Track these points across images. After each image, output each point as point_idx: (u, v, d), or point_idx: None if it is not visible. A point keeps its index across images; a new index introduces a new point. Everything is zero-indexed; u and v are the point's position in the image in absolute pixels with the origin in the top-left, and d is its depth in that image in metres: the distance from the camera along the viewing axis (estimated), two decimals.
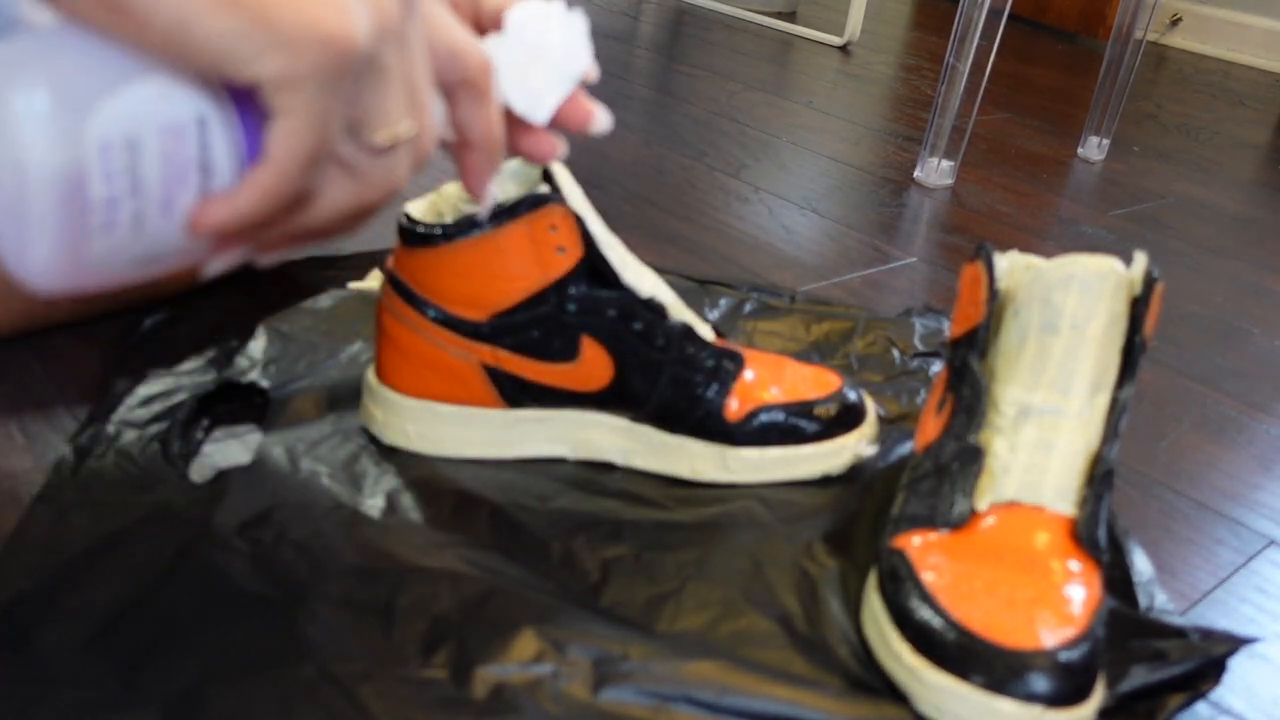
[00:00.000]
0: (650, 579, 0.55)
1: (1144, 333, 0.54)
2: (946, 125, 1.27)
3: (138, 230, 0.37)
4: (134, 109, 0.35)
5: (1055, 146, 1.56)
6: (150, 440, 0.59)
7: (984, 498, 0.53)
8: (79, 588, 0.48)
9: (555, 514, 0.59)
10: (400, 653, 0.48)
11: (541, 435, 0.62)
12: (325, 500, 0.57)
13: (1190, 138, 1.76)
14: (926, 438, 0.59)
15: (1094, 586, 0.50)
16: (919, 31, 2.44)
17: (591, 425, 0.62)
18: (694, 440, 0.62)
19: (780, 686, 0.48)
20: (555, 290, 0.58)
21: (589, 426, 0.62)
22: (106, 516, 0.53)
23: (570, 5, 0.50)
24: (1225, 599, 0.62)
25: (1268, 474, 0.75)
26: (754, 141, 1.38)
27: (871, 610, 0.52)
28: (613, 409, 0.61)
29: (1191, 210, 1.36)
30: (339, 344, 0.71)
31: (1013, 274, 0.57)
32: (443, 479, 0.60)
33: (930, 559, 0.51)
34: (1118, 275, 0.55)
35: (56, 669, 0.44)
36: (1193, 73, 2.42)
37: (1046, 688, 0.45)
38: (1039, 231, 1.19)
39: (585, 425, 0.62)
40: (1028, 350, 0.55)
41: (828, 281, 0.96)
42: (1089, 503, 0.52)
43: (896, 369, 0.79)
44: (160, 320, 0.71)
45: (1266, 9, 2.64)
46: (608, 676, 0.47)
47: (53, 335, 0.70)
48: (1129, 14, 1.45)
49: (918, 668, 0.48)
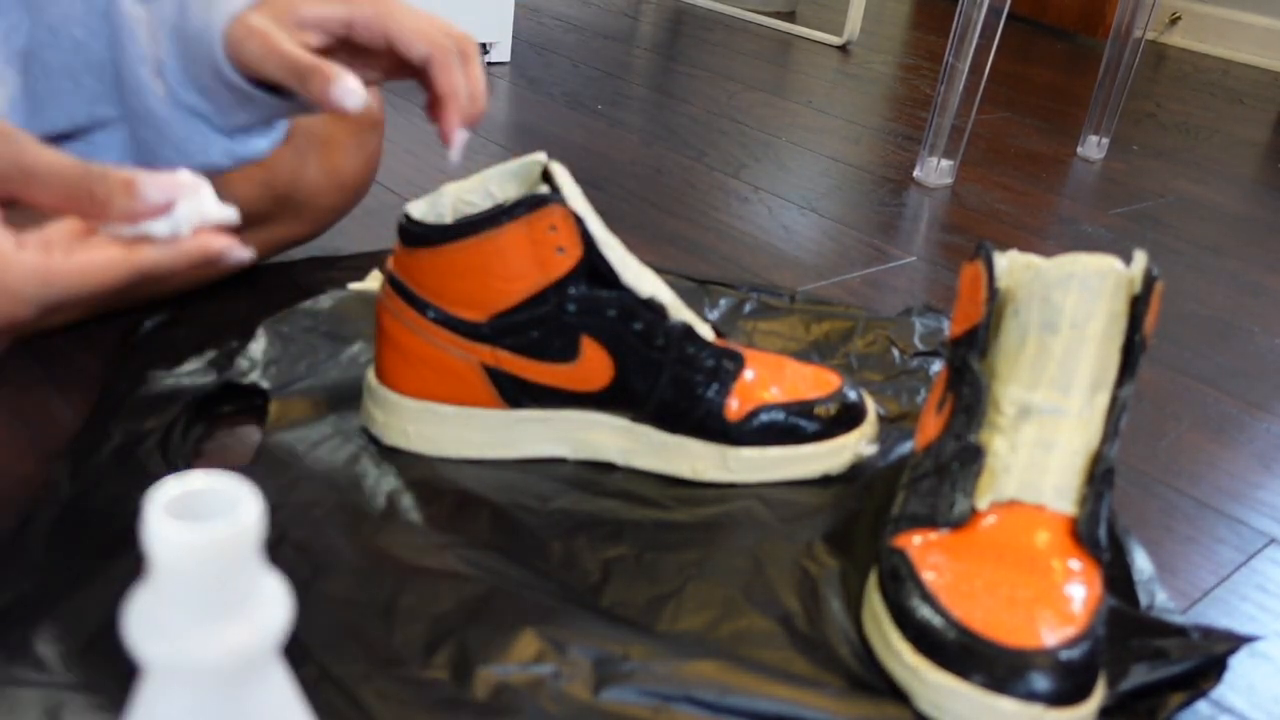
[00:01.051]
0: (651, 579, 0.55)
1: (1144, 331, 0.54)
2: (946, 124, 1.27)
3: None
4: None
5: (1055, 146, 1.56)
6: (150, 441, 0.59)
7: (984, 497, 0.53)
8: (79, 589, 0.48)
9: (556, 514, 0.59)
10: (401, 653, 0.48)
11: (542, 435, 0.62)
12: (326, 501, 0.57)
13: (1189, 136, 1.76)
14: (927, 437, 0.59)
15: (1094, 585, 0.50)
16: (918, 31, 2.44)
17: (591, 425, 0.62)
18: (694, 440, 0.62)
19: (781, 686, 0.48)
20: (555, 290, 0.58)
21: (589, 427, 0.62)
22: (107, 517, 0.53)
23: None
24: (1226, 597, 0.62)
25: (1268, 472, 0.75)
26: (754, 141, 1.38)
27: (872, 609, 0.52)
28: (613, 409, 0.61)
29: (1191, 209, 1.36)
30: (339, 345, 0.71)
31: (1013, 273, 0.57)
32: (443, 480, 0.60)
33: (931, 558, 0.51)
34: (1117, 274, 0.55)
35: (58, 671, 0.44)
36: (1192, 71, 2.42)
37: (1047, 687, 0.45)
38: (1038, 231, 1.19)
39: (585, 425, 0.62)
40: (1028, 349, 0.55)
41: (827, 281, 0.96)
42: (1089, 501, 0.52)
43: (896, 368, 0.79)
44: (160, 321, 0.71)
45: (1265, 8, 2.63)
46: (608, 677, 0.47)
47: (53, 336, 0.70)
48: (1128, 13, 1.45)
49: (918, 667, 0.48)
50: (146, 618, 0.25)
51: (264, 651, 0.26)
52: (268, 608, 0.26)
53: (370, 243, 0.90)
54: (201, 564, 0.24)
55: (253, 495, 0.25)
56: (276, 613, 0.26)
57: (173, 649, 0.25)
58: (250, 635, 0.25)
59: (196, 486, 0.26)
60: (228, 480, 0.26)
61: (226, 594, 0.25)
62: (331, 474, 0.59)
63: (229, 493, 0.26)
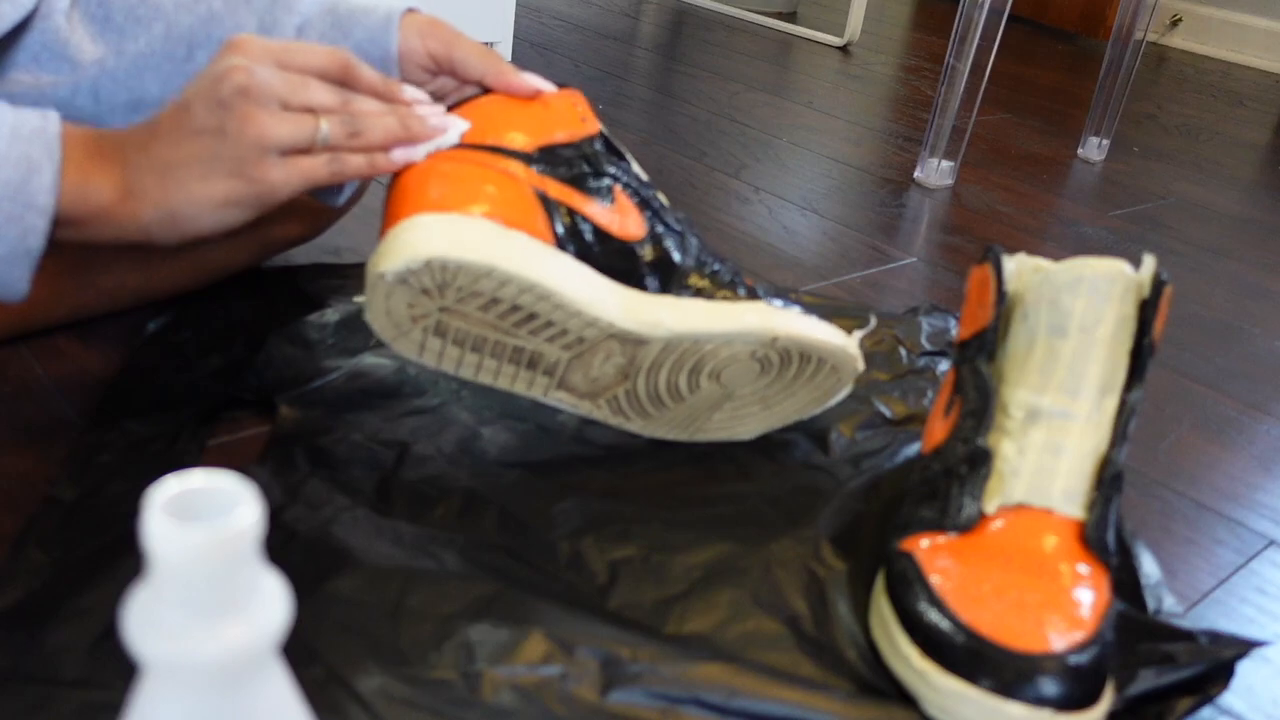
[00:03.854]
0: (658, 581, 0.55)
1: (1153, 335, 0.54)
2: (946, 125, 1.27)
3: None
4: None
5: (1055, 147, 1.56)
6: (159, 443, 0.59)
7: (992, 500, 0.53)
8: (86, 589, 0.48)
9: (563, 515, 0.58)
10: (408, 654, 0.47)
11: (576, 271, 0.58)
12: (334, 502, 0.56)
13: (1190, 138, 1.77)
14: (934, 440, 0.59)
15: (1103, 590, 0.50)
16: (919, 32, 2.44)
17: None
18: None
19: (788, 689, 0.48)
20: (588, 141, 0.62)
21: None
22: (113, 518, 0.53)
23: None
24: (1225, 599, 0.62)
25: (1268, 474, 0.75)
26: (754, 141, 1.38)
27: (880, 613, 0.52)
28: (651, 271, 0.60)
29: (1191, 210, 1.36)
30: (345, 357, 0.71)
31: (1021, 277, 0.57)
32: (451, 480, 0.60)
33: (939, 562, 0.51)
34: (1126, 278, 0.55)
35: (64, 669, 0.44)
36: (1193, 73, 2.43)
37: (1056, 691, 0.45)
38: (1039, 232, 1.19)
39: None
40: (1036, 353, 0.55)
41: (828, 281, 0.96)
42: (1098, 506, 0.52)
43: (904, 367, 0.79)
44: (164, 323, 0.71)
45: (1266, 9, 2.64)
46: (616, 678, 0.47)
47: (53, 335, 0.69)
48: (1129, 14, 1.45)
49: (926, 671, 0.48)
50: (146, 617, 0.25)
51: (263, 651, 0.26)
52: (267, 607, 0.26)
53: (372, 244, 0.89)
54: (201, 563, 0.24)
55: (252, 495, 0.25)
56: (276, 612, 0.26)
57: (172, 648, 0.25)
58: (249, 635, 0.25)
59: (196, 485, 0.26)
60: (228, 479, 0.26)
61: (226, 593, 0.25)
62: (339, 474, 0.59)
63: (229, 492, 0.26)
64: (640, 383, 0.62)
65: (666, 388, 0.62)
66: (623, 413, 0.64)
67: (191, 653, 0.25)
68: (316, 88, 0.53)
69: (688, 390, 0.62)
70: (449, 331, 0.57)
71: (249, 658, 0.25)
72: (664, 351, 0.60)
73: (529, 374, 0.60)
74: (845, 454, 0.67)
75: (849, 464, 0.66)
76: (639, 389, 0.62)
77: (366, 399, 0.66)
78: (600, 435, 0.66)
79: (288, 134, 0.52)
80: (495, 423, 0.66)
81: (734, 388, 0.63)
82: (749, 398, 0.64)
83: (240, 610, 0.25)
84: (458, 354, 0.59)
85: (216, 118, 0.51)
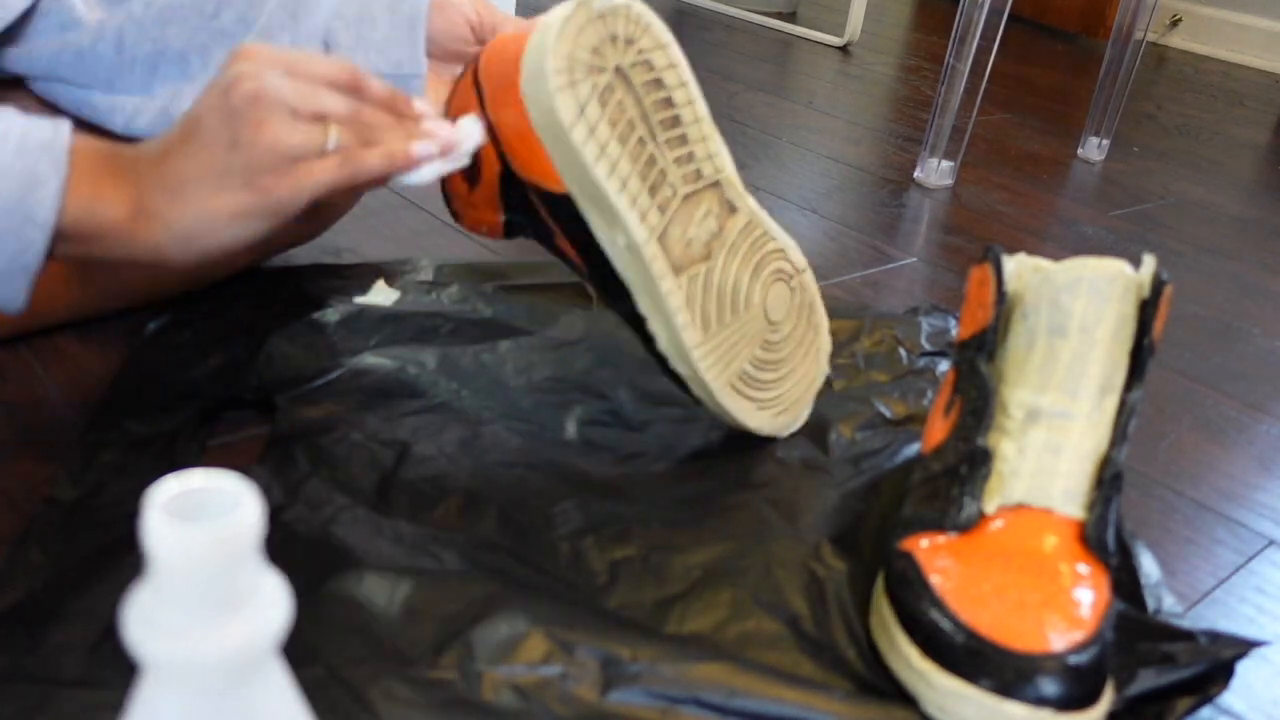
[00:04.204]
0: (658, 580, 0.55)
1: (1152, 335, 0.54)
2: (946, 125, 1.27)
3: None
4: None
5: (1055, 147, 1.56)
6: (159, 443, 0.59)
7: (992, 500, 0.53)
8: (87, 589, 0.48)
9: (563, 515, 0.58)
10: (409, 653, 0.47)
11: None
12: (334, 501, 0.56)
13: (1190, 138, 1.77)
14: (934, 440, 0.59)
15: (1103, 590, 0.50)
16: (919, 32, 2.44)
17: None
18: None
19: (788, 689, 0.48)
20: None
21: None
22: (113, 518, 0.53)
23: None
24: (1225, 599, 0.62)
25: (1267, 474, 0.75)
26: (754, 141, 1.38)
27: (880, 613, 0.52)
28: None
29: (1191, 210, 1.36)
30: (345, 357, 0.71)
31: (1021, 276, 0.57)
32: (451, 480, 0.60)
33: (939, 562, 0.51)
34: (1126, 278, 0.55)
35: (64, 669, 0.44)
36: (1193, 73, 2.43)
37: (1055, 691, 0.45)
38: (1039, 232, 1.19)
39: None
40: (1036, 353, 0.55)
41: (828, 281, 0.96)
42: (1098, 505, 0.52)
43: (903, 368, 0.79)
44: (164, 323, 0.71)
45: (1266, 10, 2.64)
46: (616, 678, 0.47)
47: (53, 335, 0.69)
48: (1129, 14, 1.45)
49: (926, 670, 0.48)
50: (145, 616, 0.25)
51: (263, 651, 0.26)
52: (267, 607, 0.26)
53: (371, 244, 0.89)
54: (201, 563, 0.24)
55: (252, 494, 0.25)
56: (276, 612, 0.26)
57: (172, 648, 0.25)
58: (249, 634, 0.25)
59: (196, 485, 0.26)
60: (228, 479, 0.26)
61: (226, 593, 0.25)
62: (339, 474, 0.59)
63: (229, 491, 0.26)
64: (718, 267, 0.64)
65: (733, 288, 0.64)
66: (693, 305, 0.63)
67: (191, 652, 0.25)
68: (327, 95, 0.52)
69: (744, 303, 0.65)
70: (609, 103, 0.58)
71: (249, 657, 0.25)
72: (743, 233, 0.65)
73: (647, 201, 0.60)
74: (845, 454, 0.67)
75: (849, 464, 0.67)
76: (715, 277, 0.64)
77: (366, 399, 0.66)
78: (600, 436, 0.66)
79: (300, 141, 0.51)
80: (495, 423, 0.66)
81: (771, 314, 0.67)
82: (776, 347, 0.67)
83: (240, 610, 0.25)
84: (606, 136, 0.58)
85: (229, 128, 0.50)
